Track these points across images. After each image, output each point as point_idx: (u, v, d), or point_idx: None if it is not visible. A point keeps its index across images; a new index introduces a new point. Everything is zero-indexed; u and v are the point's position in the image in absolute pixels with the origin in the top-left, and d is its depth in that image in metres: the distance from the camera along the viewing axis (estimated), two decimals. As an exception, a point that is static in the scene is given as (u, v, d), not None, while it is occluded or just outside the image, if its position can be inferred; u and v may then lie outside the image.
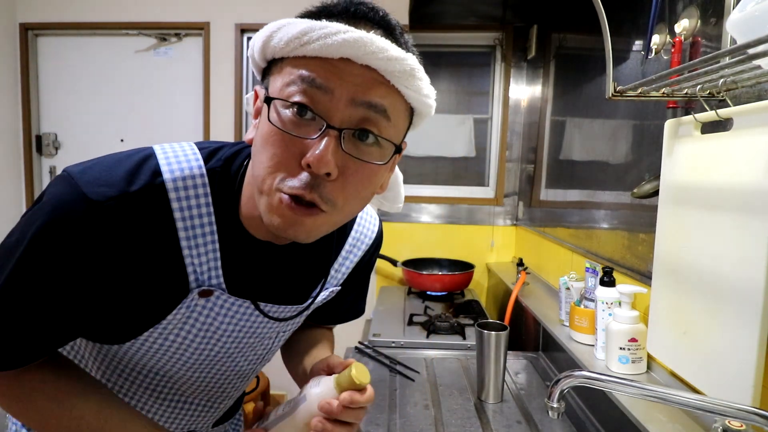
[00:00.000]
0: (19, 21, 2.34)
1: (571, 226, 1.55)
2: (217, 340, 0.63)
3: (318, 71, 0.47)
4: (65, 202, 0.51)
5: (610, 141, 1.28)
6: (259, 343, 0.69)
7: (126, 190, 0.52)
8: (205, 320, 0.61)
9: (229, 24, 2.30)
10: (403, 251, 2.31)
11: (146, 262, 0.54)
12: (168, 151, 0.57)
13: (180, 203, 0.55)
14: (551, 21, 1.93)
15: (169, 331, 0.60)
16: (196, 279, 0.57)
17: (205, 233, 0.56)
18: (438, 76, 2.37)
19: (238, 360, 0.69)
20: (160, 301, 0.57)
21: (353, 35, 0.46)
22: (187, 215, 0.55)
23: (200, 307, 0.59)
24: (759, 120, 0.65)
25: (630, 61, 1.16)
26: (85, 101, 2.41)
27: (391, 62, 0.48)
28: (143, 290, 0.56)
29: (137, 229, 0.52)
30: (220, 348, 0.65)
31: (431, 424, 1.01)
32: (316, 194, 0.49)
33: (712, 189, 0.74)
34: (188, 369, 0.66)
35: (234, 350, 0.66)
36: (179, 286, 0.57)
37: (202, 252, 0.57)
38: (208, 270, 0.58)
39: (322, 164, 0.47)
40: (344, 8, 0.51)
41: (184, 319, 0.59)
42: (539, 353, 1.37)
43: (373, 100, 0.49)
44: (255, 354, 0.70)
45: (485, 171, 2.41)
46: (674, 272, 0.83)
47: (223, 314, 0.61)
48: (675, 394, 0.59)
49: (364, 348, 1.40)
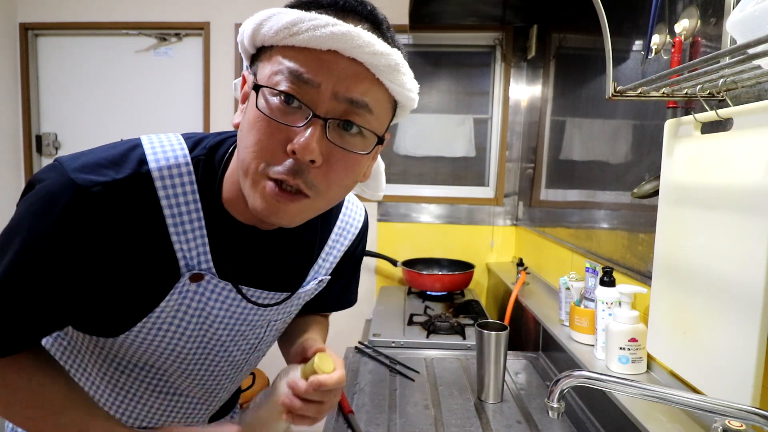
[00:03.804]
0: (19, 21, 2.34)
1: (571, 226, 1.55)
2: (209, 327, 0.64)
3: (305, 64, 0.49)
4: (54, 188, 0.52)
5: (610, 141, 1.28)
6: (251, 332, 0.69)
7: (113, 177, 0.53)
8: (197, 306, 0.61)
9: (229, 24, 2.30)
10: (403, 251, 2.31)
11: (136, 248, 0.55)
12: (154, 141, 0.58)
13: (166, 191, 0.56)
14: (551, 21, 1.93)
15: (162, 320, 0.61)
16: (186, 264, 0.59)
17: (192, 219, 0.58)
18: (438, 76, 2.37)
19: (231, 349, 0.69)
20: (153, 288, 0.58)
21: (341, 29, 0.47)
22: (173, 202, 0.57)
23: (192, 293, 0.60)
24: (759, 120, 0.65)
25: (630, 61, 1.16)
26: (85, 101, 2.41)
27: (377, 57, 0.49)
28: (135, 277, 0.57)
29: (125, 215, 0.54)
30: (212, 335, 0.65)
31: (431, 424, 1.01)
32: (300, 180, 0.51)
33: (712, 189, 0.74)
34: (183, 360, 0.66)
35: (226, 338, 0.67)
36: (170, 272, 0.58)
37: (190, 238, 0.58)
38: (197, 255, 0.59)
39: (307, 151, 0.49)
40: (333, 1, 0.52)
41: (177, 305, 0.60)
42: (539, 353, 1.37)
43: (355, 96, 0.50)
44: (247, 343, 0.71)
45: (485, 171, 2.41)
46: (674, 272, 0.83)
47: (213, 299, 0.62)
48: (675, 394, 0.59)
49: (364, 348, 1.40)
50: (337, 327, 2.38)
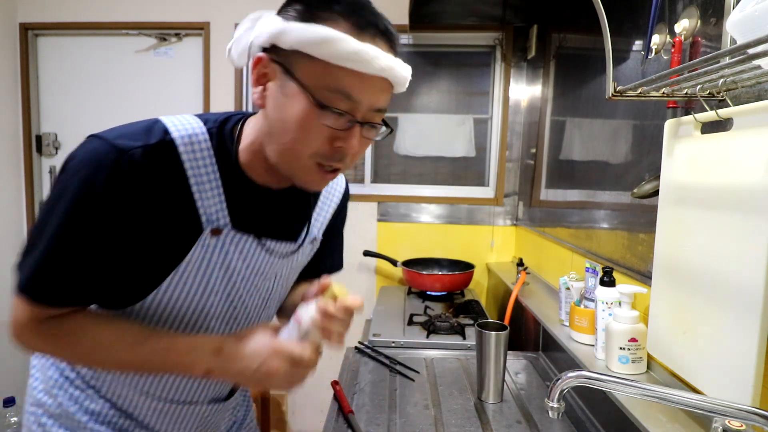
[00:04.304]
0: (19, 21, 2.34)
1: (571, 226, 1.55)
2: (228, 279, 0.72)
3: (354, 87, 0.61)
4: (100, 152, 0.61)
5: (610, 141, 1.28)
6: (263, 284, 0.78)
7: (146, 142, 0.63)
8: (218, 259, 0.70)
9: (229, 24, 2.30)
10: (403, 251, 2.31)
11: (165, 205, 0.65)
12: (172, 118, 0.69)
13: (188, 155, 0.66)
14: (551, 21, 1.93)
15: (187, 275, 0.68)
16: (207, 220, 0.68)
17: (210, 180, 0.68)
18: (438, 76, 2.37)
19: (247, 303, 0.77)
20: (179, 243, 0.67)
21: (387, 62, 0.61)
22: (194, 165, 0.66)
23: (212, 246, 0.69)
24: (759, 120, 0.65)
25: (630, 61, 1.16)
26: (85, 101, 2.41)
27: (398, 76, 0.65)
28: (164, 232, 0.65)
29: (157, 175, 0.63)
30: (231, 287, 0.73)
31: (431, 424, 1.01)
32: (342, 165, 0.66)
33: (712, 189, 0.74)
34: (206, 317, 0.73)
35: (243, 290, 0.75)
36: (193, 228, 0.67)
37: (209, 196, 0.68)
38: (215, 212, 0.68)
39: (353, 149, 0.64)
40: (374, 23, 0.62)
41: (200, 259, 0.68)
42: (539, 353, 1.37)
43: (381, 106, 0.65)
44: (260, 296, 0.79)
45: (485, 171, 2.41)
46: (674, 272, 0.83)
47: (232, 251, 0.71)
48: (675, 394, 0.59)
49: (364, 348, 1.40)
50: (337, 327, 2.38)
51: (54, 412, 0.77)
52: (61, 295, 0.63)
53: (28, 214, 2.42)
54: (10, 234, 2.36)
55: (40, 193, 2.46)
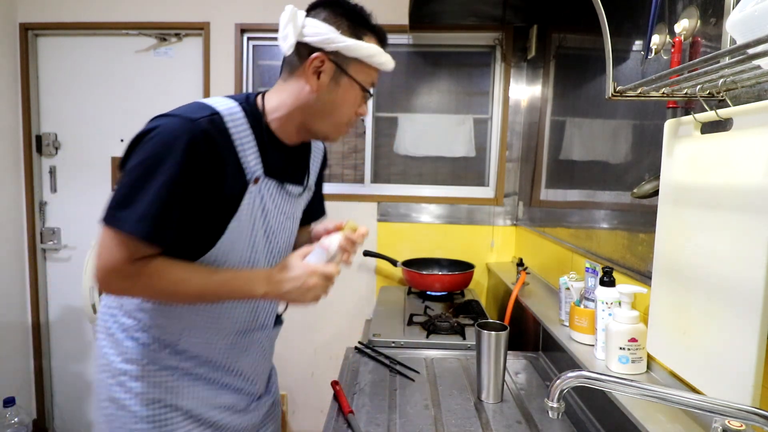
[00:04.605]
0: (19, 21, 2.34)
1: (571, 226, 1.55)
2: (267, 222, 0.93)
3: (376, 78, 0.95)
4: (178, 124, 0.79)
5: (610, 141, 1.28)
6: (287, 223, 1.00)
7: (204, 114, 0.82)
8: (260, 203, 0.90)
9: (229, 24, 2.30)
10: (403, 251, 2.31)
11: (224, 161, 0.83)
12: (211, 99, 0.88)
13: (232, 123, 0.85)
14: (551, 21, 1.93)
15: (240, 221, 0.87)
16: (249, 172, 0.88)
17: (248, 141, 0.87)
18: (438, 76, 2.37)
19: (279, 241, 0.98)
20: (234, 194, 0.86)
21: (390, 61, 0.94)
22: (237, 131, 0.86)
23: (255, 193, 0.89)
24: (759, 120, 0.65)
25: (630, 61, 1.16)
26: (85, 101, 2.41)
27: None
28: (224, 187, 0.84)
29: (217, 141, 0.82)
30: (269, 228, 0.94)
31: (431, 424, 1.01)
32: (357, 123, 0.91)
33: (712, 189, 0.74)
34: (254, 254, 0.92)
35: (277, 229, 0.97)
36: (242, 181, 0.87)
37: (248, 154, 0.87)
38: (254, 165, 0.88)
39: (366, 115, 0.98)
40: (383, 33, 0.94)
41: (249, 206, 0.88)
42: (539, 353, 1.37)
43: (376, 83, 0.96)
44: (286, 235, 1.01)
45: (485, 171, 2.41)
46: (674, 272, 0.83)
47: (266, 195, 0.91)
48: (675, 394, 0.59)
49: (364, 348, 1.40)
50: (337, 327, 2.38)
51: (138, 375, 0.90)
52: (166, 235, 0.79)
53: (28, 214, 2.42)
54: (10, 234, 2.36)
55: (40, 193, 2.45)
